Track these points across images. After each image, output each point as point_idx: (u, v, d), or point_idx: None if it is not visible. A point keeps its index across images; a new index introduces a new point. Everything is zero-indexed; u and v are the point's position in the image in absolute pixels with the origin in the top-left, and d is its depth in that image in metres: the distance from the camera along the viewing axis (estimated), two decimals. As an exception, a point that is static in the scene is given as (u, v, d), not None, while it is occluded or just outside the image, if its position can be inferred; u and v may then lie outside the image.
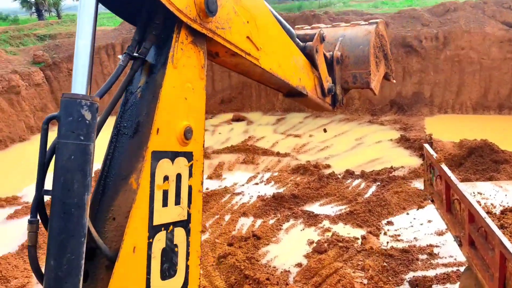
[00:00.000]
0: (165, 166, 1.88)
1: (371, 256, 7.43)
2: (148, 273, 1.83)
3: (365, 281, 6.72)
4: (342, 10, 24.02)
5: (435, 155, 5.53)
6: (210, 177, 12.45)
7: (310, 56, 3.77)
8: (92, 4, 1.79)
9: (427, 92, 17.74)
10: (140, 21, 1.99)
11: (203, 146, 2.15)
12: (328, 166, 12.42)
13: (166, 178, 1.88)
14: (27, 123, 19.57)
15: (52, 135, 1.77)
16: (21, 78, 20.01)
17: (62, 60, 21.28)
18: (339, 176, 11.47)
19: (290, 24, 3.40)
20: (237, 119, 18.95)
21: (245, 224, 9.32)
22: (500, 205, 4.85)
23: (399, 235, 8.19)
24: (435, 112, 17.19)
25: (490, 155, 10.46)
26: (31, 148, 17.62)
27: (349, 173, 11.60)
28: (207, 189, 11.45)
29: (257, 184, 11.75)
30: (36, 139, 18.94)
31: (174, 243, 1.96)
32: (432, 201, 5.88)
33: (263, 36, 2.66)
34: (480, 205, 4.39)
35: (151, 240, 1.82)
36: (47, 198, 1.78)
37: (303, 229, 8.84)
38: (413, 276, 6.73)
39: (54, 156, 1.68)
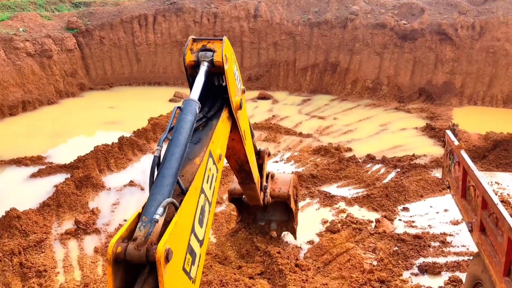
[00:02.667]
0: (211, 162, 3.25)
1: (384, 239, 7.51)
2: (196, 211, 2.83)
3: (375, 263, 6.83)
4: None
5: (456, 141, 5.56)
6: (230, 152, 12.64)
7: (260, 158, 5.98)
8: (203, 72, 3.71)
9: (458, 82, 17.33)
10: (208, 101, 3.89)
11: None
12: (350, 150, 12.42)
13: (210, 169, 3.18)
14: (56, 87, 20.11)
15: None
16: (54, 43, 20.51)
17: (95, 28, 21.62)
18: (360, 160, 11.48)
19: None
20: (263, 97, 19.01)
21: (261, 199, 9.49)
22: (517, 196, 4.83)
23: (413, 222, 8.22)
24: (465, 103, 16.82)
25: (516, 149, 10.26)
26: (58, 112, 18.18)
27: (370, 158, 11.59)
28: (227, 163, 11.65)
29: (276, 162, 11.89)
30: (65, 103, 19.52)
31: (205, 208, 3.01)
32: (449, 187, 5.92)
33: (247, 135, 4.86)
34: (496, 194, 4.40)
35: (199, 193, 2.92)
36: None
37: (318, 209, 8.97)
38: (423, 261, 6.79)
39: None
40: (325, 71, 19.89)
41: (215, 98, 3.96)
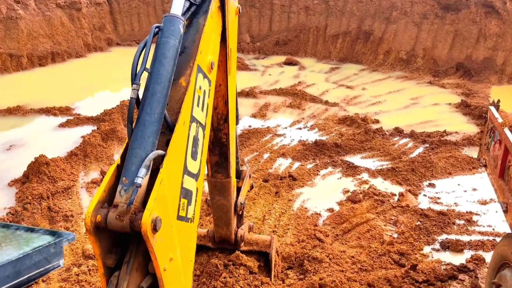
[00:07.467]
0: (200, 78, 2.63)
1: (406, 213, 7.40)
2: (187, 148, 2.44)
3: (395, 235, 6.76)
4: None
5: (499, 118, 5.25)
6: (254, 116, 12.59)
7: (240, 180, 4.67)
8: None
9: (500, 59, 16.53)
10: None
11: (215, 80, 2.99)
12: (377, 121, 12.16)
13: (200, 88, 2.62)
14: (85, 41, 20.25)
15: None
16: (83, -5, 20.51)
17: (124, -19, 21.45)
18: (387, 133, 11.23)
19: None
20: (290, 63, 18.69)
21: (282, 164, 9.47)
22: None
23: (439, 198, 8.05)
24: (504, 82, 16.08)
25: (556, 132, 9.80)
26: (86, 65, 18.39)
27: (398, 131, 11.32)
28: (249, 126, 11.63)
29: (300, 129, 11.78)
30: (92, 57, 19.67)
31: (198, 136, 2.59)
32: (485, 166, 5.72)
33: (233, 58, 3.64)
34: None
35: (189, 124, 2.47)
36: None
37: (340, 178, 8.88)
38: (446, 238, 6.66)
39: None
40: (357, 39, 19.30)
41: None
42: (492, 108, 5.64)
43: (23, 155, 9.41)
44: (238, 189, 4.60)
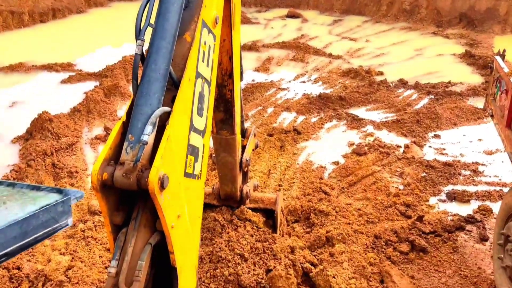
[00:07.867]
0: (205, 33, 2.48)
1: (412, 165, 7.10)
2: (193, 104, 2.31)
3: (401, 187, 6.49)
4: None
5: (505, 68, 4.98)
6: (257, 70, 12.07)
7: (245, 138, 4.44)
8: None
9: (503, 9, 15.66)
10: None
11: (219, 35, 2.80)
12: (381, 73, 11.64)
13: (205, 43, 2.46)
14: (85, -4, 19.32)
15: None
16: None
17: None
18: (391, 85, 10.75)
19: None
20: (292, 16, 17.86)
21: (287, 118, 9.09)
22: None
23: (444, 149, 7.71)
24: (508, 32, 15.31)
25: None
26: (87, 21, 17.61)
27: (402, 83, 10.83)
28: (253, 80, 11.14)
29: (304, 82, 11.29)
30: (93, 12, 18.81)
31: (204, 93, 2.44)
32: (492, 116, 5.42)
33: (237, 12, 3.40)
34: None
35: (195, 80, 2.32)
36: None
37: (345, 131, 8.52)
38: (452, 189, 6.39)
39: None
40: (361, -10, 18.28)
41: None
42: (498, 58, 5.38)
43: (26, 112, 9.02)
44: (243, 147, 4.42)
